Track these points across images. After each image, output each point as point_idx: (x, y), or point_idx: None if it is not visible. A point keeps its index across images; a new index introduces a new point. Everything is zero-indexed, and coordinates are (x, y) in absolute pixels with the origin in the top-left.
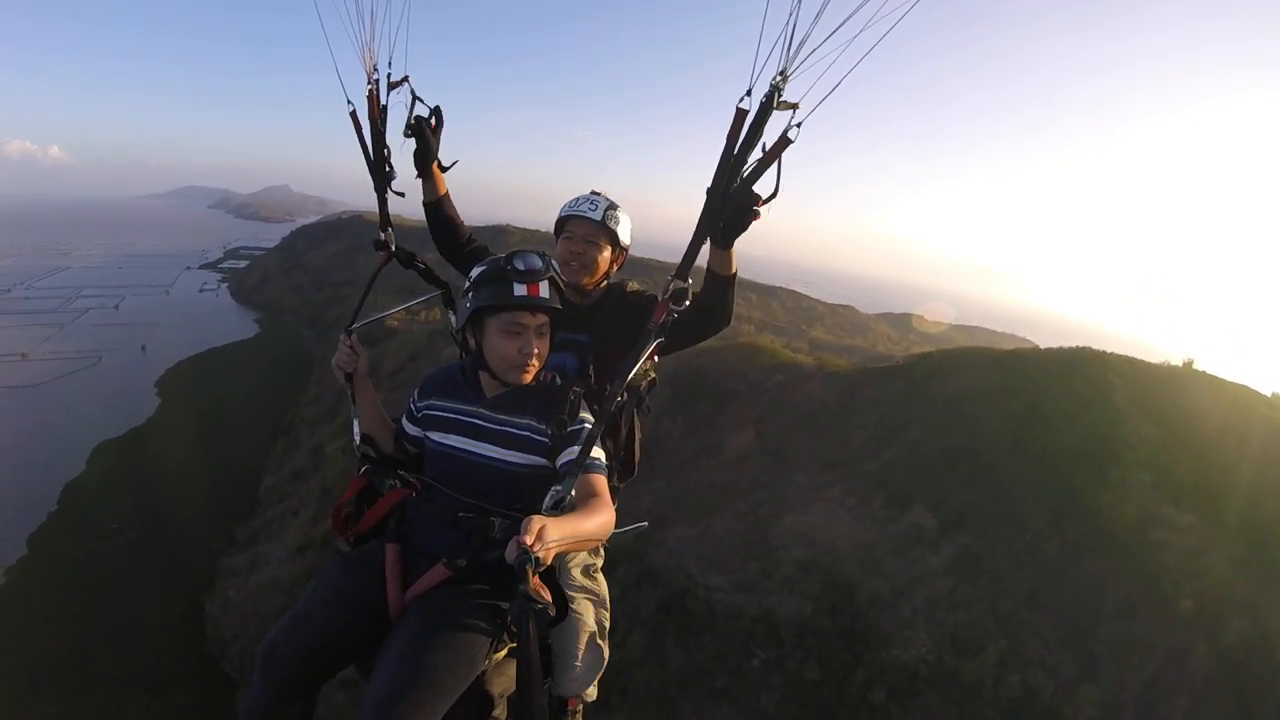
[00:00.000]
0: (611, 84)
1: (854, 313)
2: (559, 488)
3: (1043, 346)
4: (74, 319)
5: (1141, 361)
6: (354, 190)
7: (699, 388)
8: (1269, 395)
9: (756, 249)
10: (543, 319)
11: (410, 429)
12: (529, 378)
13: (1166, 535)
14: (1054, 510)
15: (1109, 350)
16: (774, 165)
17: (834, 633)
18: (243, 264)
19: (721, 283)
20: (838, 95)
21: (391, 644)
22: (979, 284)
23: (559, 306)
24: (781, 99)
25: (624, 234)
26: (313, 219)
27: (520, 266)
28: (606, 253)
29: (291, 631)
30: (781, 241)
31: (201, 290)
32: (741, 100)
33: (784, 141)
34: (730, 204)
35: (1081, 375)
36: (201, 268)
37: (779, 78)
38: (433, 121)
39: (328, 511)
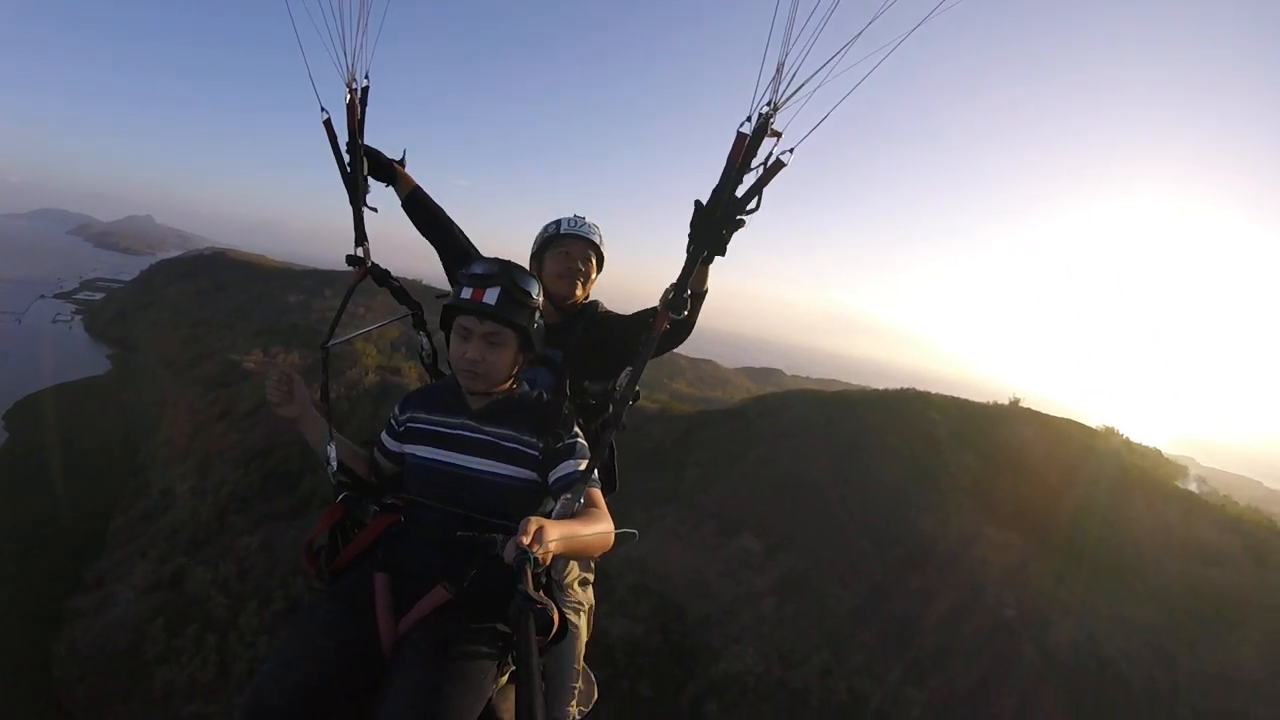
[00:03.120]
0: (501, 139)
1: (715, 367)
2: (568, 495)
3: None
4: None
5: (965, 400)
6: (219, 226)
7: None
8: (1097, 428)
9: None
10: (492, 327)
11: (390, 444)
12: (477, 385)
13: (987, 552)
14: (876, 533)
15: (933, 391)
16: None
17: (665, 650)
18: (99, 296)
19: (694, 298)
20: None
21: (395, 679)
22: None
23: (501, 314)
24: (772, 126)
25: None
26: (174, 253)
27: (472, 270)
28: (595, 274)
29: (280, 679)
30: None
31: (55, 321)
32: (742, 125)
33: (777, 164)
34: (725, 222)
35: (904, 412)
36: (56, 296)
37: (768, 108)
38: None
39: (177, 549)
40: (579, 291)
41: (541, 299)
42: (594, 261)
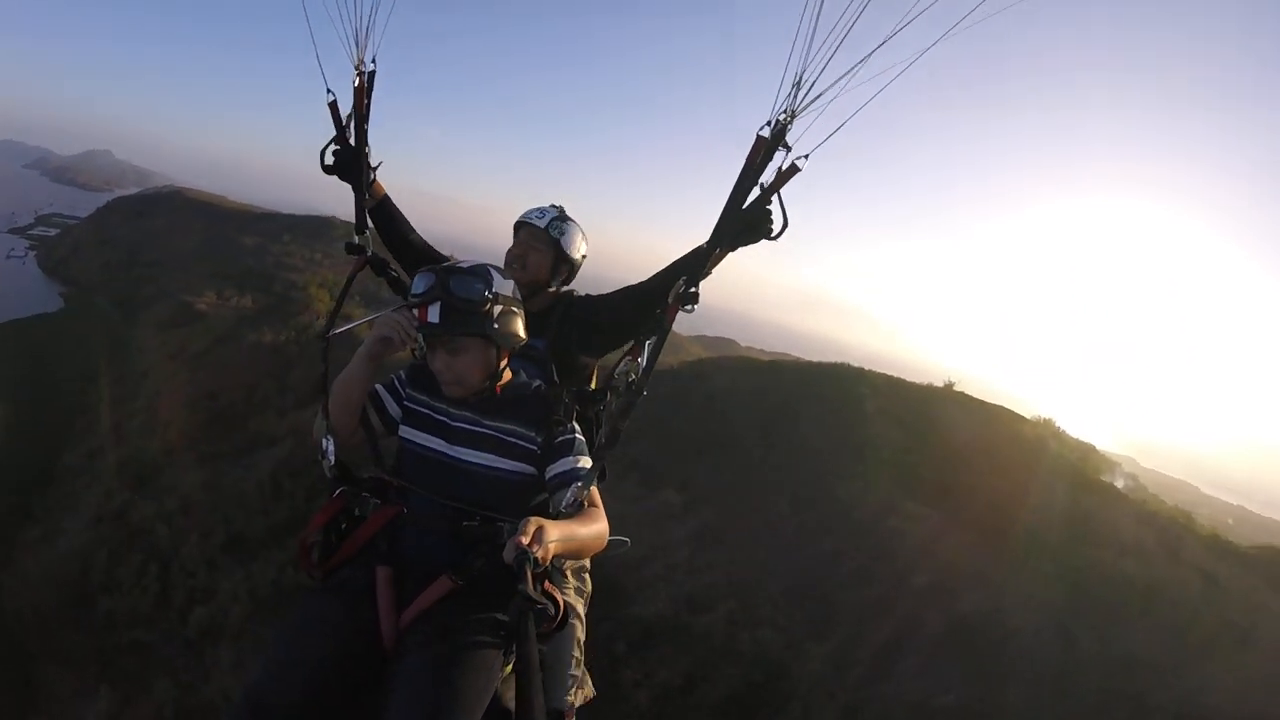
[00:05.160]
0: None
1: (671, 333)
2: (579, 484)
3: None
4: None
5: (899, 379)
6: (180, 163)
7: None
8: (1030, 417)
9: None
10: (449, 340)
11: (390, 405)
12: (455, 391)
13: (904, 523)
14: (795, 496)
15: (868, 368)
16: (778, 199)
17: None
18: (54, 232)
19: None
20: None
21: (402, 670)
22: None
23: (445, 330)
24: (786, 135)
25: (569, 245)
26: (132, 190)
27: (413, 290)
28: (547, 259)
29: (280, 676)
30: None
31: (9, 257)
32: (762, 129)
33: (793, 169)
34: (746, 217)
35: (834, 385)
36: (10, 232)
37: (785, 115)
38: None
39: (124, 484)
40: (525, 276)
41: (509, 290)
42: (543, 247)
